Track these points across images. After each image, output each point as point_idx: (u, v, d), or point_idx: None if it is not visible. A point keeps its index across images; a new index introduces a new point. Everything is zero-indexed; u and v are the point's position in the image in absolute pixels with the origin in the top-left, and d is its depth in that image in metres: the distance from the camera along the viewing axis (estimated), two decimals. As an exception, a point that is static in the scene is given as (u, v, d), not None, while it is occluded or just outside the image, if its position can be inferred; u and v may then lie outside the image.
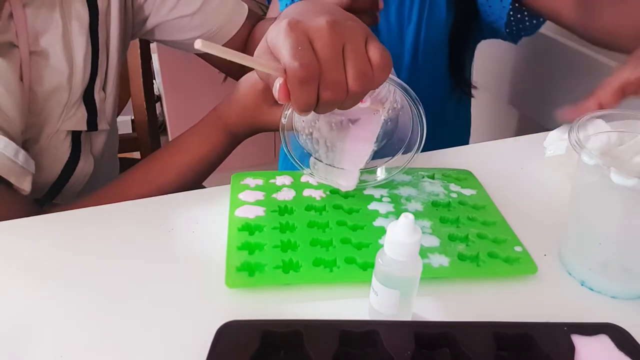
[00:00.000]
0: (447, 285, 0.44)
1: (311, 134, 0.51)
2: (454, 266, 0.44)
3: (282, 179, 0.55)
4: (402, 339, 0.36)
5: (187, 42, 0.71)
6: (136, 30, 0.71)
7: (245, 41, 0.75)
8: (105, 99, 0.65)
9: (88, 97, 0.62)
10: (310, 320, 0.37)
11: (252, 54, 0.42)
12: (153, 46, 1.44)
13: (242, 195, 0.52)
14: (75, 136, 0.62)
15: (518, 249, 0.46)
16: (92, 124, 0.62)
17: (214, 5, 0.69)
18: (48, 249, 0.47)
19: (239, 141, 0.62)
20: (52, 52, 0.57)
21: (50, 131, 0.59)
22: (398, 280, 0.37)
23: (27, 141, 0.58)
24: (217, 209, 0.52)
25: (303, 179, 0.55)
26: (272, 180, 0.55)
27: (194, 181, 0.60)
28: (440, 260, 0.44)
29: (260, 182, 0.55)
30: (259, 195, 0.52)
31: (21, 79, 0.55)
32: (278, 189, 0.54)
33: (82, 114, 0.61)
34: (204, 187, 0.59)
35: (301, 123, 0.51)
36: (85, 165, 0.64)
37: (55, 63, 0.58)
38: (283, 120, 0.48)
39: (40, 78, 0.57)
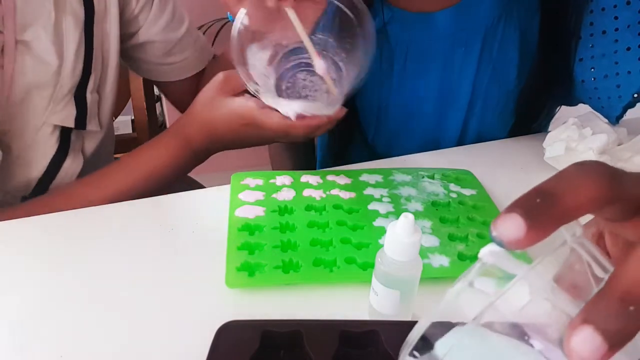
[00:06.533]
0: (447, 285, 0.43)
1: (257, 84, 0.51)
2: (454, 266, 0.44)
3: (282, 179, 0.55)
4: (402, 339, 0.35)
5: (164, 67, 0.74)
6: (125, 39, 0.70)
7: (197, 84, 0.78)
8: (102, 100, 0.65)
9: (79, 95, 0.61)
10: (310, 320, 0.37)
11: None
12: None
13: (242, 195, 0.52)
14: (65, 133, 0.62)
15: (518, 249, 0.46)
16: (80, 122, 0.62)
17: (190, 39, 0.73)
18: (48, 248, 0.47)
19: (199, 158, 0.60)
20: (40, 44, 0.57)
21: (37, 123, 0.59)
22: (398, 280, 0.37)
23: (11, 134, 0.58)
24: (217, 209, 0.52)
25: (303, 179, 0.56)
26: (272, 180, 0.55)
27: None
28: (440, 260, 0.44)
29: (260, 182, 0.55)
30: (259, 195, 0.52)
31: (2, 66, 0.54)
32: (278, 189, 0.54)
33: (70, 110, 0.61)
34: (203, 187, 0.59)
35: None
36: (72, 164, 0.63)
37: (42, 55, 0.57)
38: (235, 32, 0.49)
39: (23, 68, 0.57)
